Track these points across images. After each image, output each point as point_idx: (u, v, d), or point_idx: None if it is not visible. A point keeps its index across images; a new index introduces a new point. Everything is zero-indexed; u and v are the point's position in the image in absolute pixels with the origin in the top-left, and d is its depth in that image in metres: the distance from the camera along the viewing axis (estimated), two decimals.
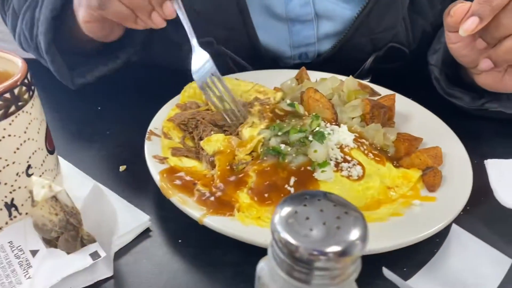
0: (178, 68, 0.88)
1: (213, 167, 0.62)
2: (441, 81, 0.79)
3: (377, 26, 0.85)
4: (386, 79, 0.83)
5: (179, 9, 0.70)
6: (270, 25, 0.86)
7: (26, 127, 0.54)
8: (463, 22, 0.62)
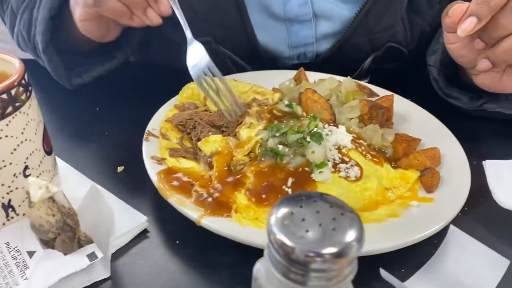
0: (178, 68, 0.88)
1: (211, 168, 0.62)
2: (439, 82, 0.79)
3: (375, 26, 0.85)
4: (384, 79, 0.83)
5: (174, 4, 0.70)
6: (269, 25, 0.86)
7: (23, 128, 0.54)
8: (461, 22, 0.62)
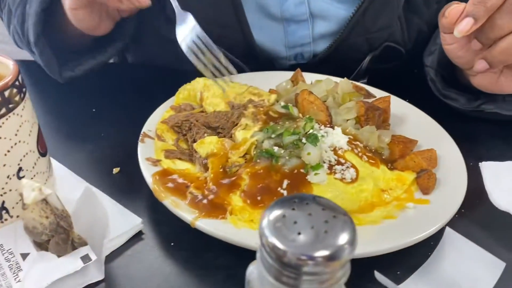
0: (175, 68, 0.88)
1: (206, 169, 0.62)
2: (436, 83, 0.79)
3: (372, 26, 0.85)
4: (382, 80, 0.83)
5: None
6: (265, 25, 0.86)
7: (17, 129, 0.54)
8: (458, 23, 0.62)
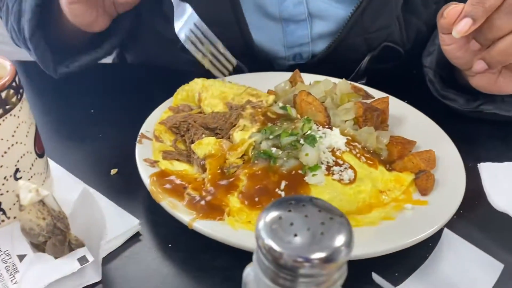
0: (174, 68, 0.88)
1: (204, 170, 0.62)
2: (435, 83, 0.78)
3: (371, 26, 0.85)
4: (381, 81, 0.83)
5: None
6: (264, 25, 0.86)
7: (14, 130, 0.54)
8: (456, 23, 0.62)
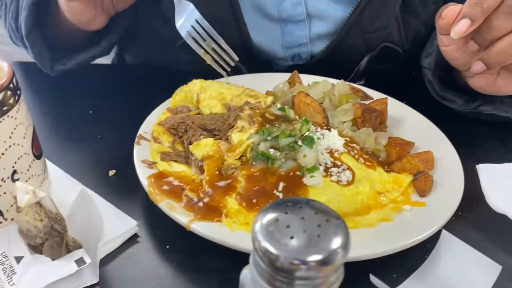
0: (173, 68, 0.88)
1: (202, 172, 0.62)
2: (434, 84, 0.78)
3: (369, 26, 0.85)
4: (379, 81, 0.83)
5: None
6: (263, 25, 0.86)
7: (11, 132, 0.54)
8: (455, 24, 0.62)
